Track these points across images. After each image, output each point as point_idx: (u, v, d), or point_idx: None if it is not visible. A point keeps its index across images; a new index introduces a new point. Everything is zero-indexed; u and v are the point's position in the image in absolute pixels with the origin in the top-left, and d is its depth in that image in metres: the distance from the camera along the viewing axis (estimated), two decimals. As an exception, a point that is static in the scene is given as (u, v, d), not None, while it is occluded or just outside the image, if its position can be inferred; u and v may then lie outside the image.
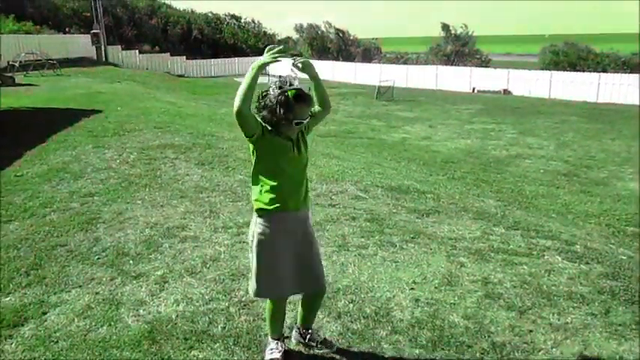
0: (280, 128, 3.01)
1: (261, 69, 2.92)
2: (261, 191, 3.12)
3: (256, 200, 3.14)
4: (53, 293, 4.23)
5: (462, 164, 11.77)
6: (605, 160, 12.56)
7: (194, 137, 9.94)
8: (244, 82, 2.88)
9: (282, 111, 2.93)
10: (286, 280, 3.19)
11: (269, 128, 3.01)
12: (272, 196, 3.09)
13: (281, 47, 2.95)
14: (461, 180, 9.92)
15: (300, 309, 3.50)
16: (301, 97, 2.96)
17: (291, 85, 2.96)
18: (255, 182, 3.14)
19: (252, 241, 3.17)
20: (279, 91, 2.94)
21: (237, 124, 2.92)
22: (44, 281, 4.42)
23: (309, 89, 3.08)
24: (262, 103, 2.99)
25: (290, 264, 3.17)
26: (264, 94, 2.99)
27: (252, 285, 3.23)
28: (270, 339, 3.46)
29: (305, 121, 3.04)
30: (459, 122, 18.75)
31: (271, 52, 2.95)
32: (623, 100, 24.36)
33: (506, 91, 28.84)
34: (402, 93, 26.56)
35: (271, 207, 3.09)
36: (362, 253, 4.99)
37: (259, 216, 3.13)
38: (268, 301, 3.35)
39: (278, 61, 2.95)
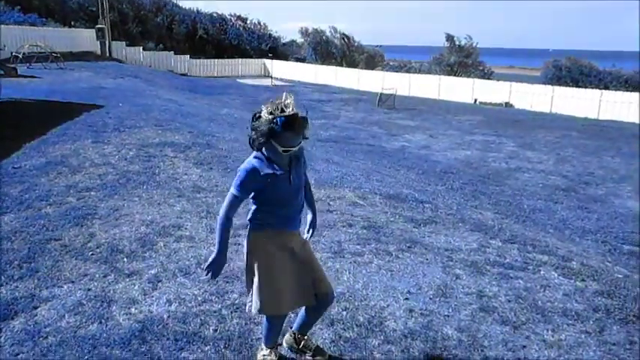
0: (270, 154, 2.93)
1: None
2: (259, 210, 3.07)
3: (253, 218, 3.10)
4: (45, 288, 4.20)
5: (461, 175, 11.75)
6: (603, 177, 12.55)
7: (194, 136, 9.91)
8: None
9: (269, 138, 2.85)
10: (287, 296, 3.12)
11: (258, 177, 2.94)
12: (271, 216, 3.06)
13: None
14: (459, 191, 9.90)
15: (300, 315, 3.43)
16: (290, 124, 2.82)
17: (282, 111, 2.82)
18: (255, 201, 3.07)
19: (247, 255, 3.13)
20: (269, 117, 2.84)
21: None
22: (37, 275, 4.39)
23: (306, 112, 2.94)
24: (254, 126, 2.90)
25: (290, 278, 3.11)
26: (258, 115, 2.90)
27: (254, 302, 3.12)
28: (263, 345, 3.42)
29: (295, 149, 2.90)
30: (459, 133, 18.75)
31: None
32: (625, 118, 24.38)
33: (507, 104, 28.85)
34: (403, 101, 26.58)
35: (269, 225, 3.07)
36: (357, 260, 4.96)
37: (256, 231, 3.10)
38: (266, 317, 3.30)
39: None
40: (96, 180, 7.05)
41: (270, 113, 2.85)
